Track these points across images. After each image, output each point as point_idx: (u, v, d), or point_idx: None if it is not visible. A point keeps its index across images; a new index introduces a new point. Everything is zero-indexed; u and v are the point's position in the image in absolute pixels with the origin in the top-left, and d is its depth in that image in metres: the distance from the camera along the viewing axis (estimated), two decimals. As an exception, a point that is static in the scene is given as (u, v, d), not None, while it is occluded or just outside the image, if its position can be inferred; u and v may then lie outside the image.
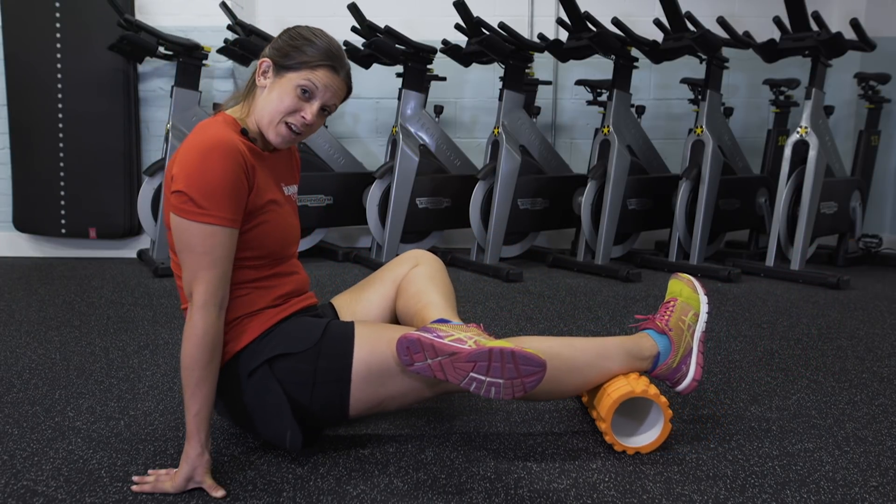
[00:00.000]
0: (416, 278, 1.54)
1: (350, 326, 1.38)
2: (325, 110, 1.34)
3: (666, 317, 1.50)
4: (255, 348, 1.33)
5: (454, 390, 1.38)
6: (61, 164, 3.65)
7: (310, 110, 1.32)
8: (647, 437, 1.41)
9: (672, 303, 1.53)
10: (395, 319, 1.56)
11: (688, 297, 1.53)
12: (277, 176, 1.42)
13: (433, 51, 3.50)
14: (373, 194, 3.53)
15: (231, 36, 3.62)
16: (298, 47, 1.30)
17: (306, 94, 1.31)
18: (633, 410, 1.48)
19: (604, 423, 1.39)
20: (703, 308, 1.53)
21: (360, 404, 1.35)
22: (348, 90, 1.37)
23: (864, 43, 3.15)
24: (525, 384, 1.21)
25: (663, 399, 1.39)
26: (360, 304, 1.57)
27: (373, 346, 1.33)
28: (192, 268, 1.24)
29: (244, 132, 1.34)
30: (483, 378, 1.20)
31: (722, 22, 3.21)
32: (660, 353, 1.46)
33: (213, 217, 1.22)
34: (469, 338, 1.24)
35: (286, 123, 1.32)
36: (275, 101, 1.31)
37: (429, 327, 1.28)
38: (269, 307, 1.37)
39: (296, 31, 1.34)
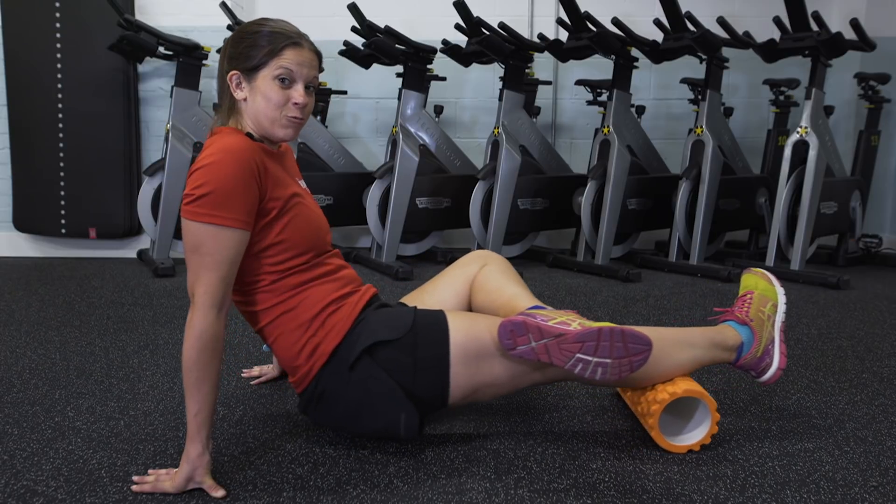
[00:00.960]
0: (491, 275, 1.57)
1: (441, 313, 1.40)
2: (309, 87, 1.35)
3: (745, 308, 1.51)
4: (349, 340, 1.35)
5: (552, 379, 1.41)
6: (61, 164, 3.65)
7: (297, 93, 1.32)
8: (694, 437, 1.41)
9: (748, 295, 1.54)
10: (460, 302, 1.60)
11: (764, 289, 1.54)
12: (291, 172, 1.45)
13: (433, 51, 3.50)
14: (373, 194, 3.53)
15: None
16: (253, 44, 1.30)
17: (286, 81, 1.31)
18: (679, 409, 1.48)
19: (651, 419, 1.39)
20: (781, 299, 1.53)
21: (459, 390, 1.36)
22: (319, 58, 1.37)
23: (864, 43, 3.15)
24: (633, 363, 1.24)
25: (713, 401, 1.39)
26: (433, 298, 1.59)
27: (468, 331, 1.36)
28: (195, 269, 1.24)
29: (249, 135, 1.34)
30: (590, 359, 1.22)
31: (722, 22, 3.21)
32: (743, 343, 1.47)
33: (219, 218, 1.23)
34: (572, 320, 1.28)
35: (286, 115, 1.33)
36: (263, 103, 1.31)
37: (528, 312, 1.32)
38: (349, 294, 1.41)
39: (239, 33, 1.34)
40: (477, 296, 1.57)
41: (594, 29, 3.27)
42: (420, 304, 1.57)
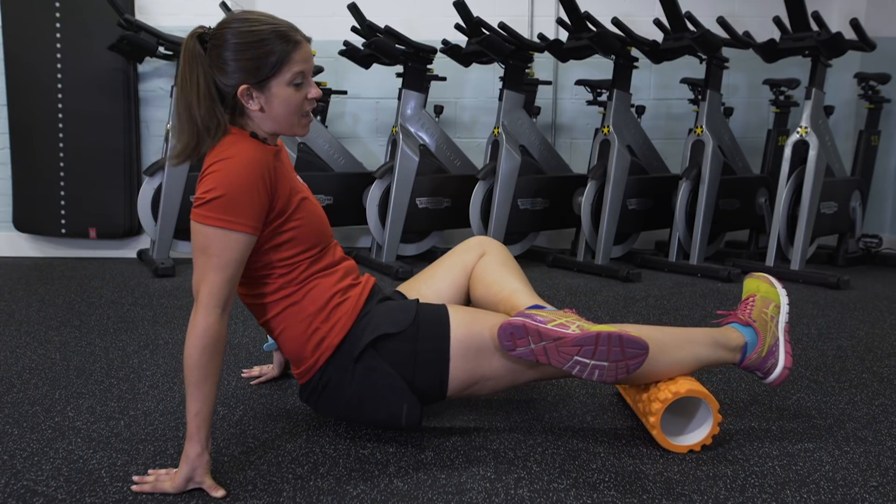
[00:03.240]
0: (490, 266, 1.56)
1: (443, 308, 1.42)
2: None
3: (748, 310, 1.51)
4: (354, 333, 1.38)
5: (550, 376, 1.43)
6: (61, 164, 3.65)
7: (313, 89, 1.34)
8: (695, 437, 1.41)
9: (751, 299, 1.54)
10: (467, 305, 1.59)
11: (766, 291, 1.54)
12: (289, 168, 1.46)
13: (433, 51, 3.50)
14: (373, 194, 3.53)
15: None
16: (261, 54, 1.26)
17: (301, 84, 1.32)
18: (681, 409, 1.48)
19: (653, 418, 1.39)
20: (784, 300, 1.53)
21: (457, 383, 1.39)
22: (310, 43, 1.36)
23: (864, 43, 3.15)
24: (629, 366, 1.26)
25: (715, 402, 1.40)
26: (430, 289, 1.58)
27: (469, 327, 1.38)
28: (201, 269, 1.25)
29: (254, 135, 1.34)
30: (588, 361, 1.24)
31: (722, 22, 3.21)
32: (747, 344, 1.47)
33: (228, 222, 1.24)
34: (571, 322, 1.28)
35: (304, 114, 1.35)
36: (283, 109, 1.31)
37: (527, 313, 1.33)
38: (351, 286, 1.42)
39: (241, 39, 1.26)
40: (476, 288, 1.56)
41: (594, 29, 3.27)
42: (417, 295, 1.57)
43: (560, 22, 3.48)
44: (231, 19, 1.30)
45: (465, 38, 3.54)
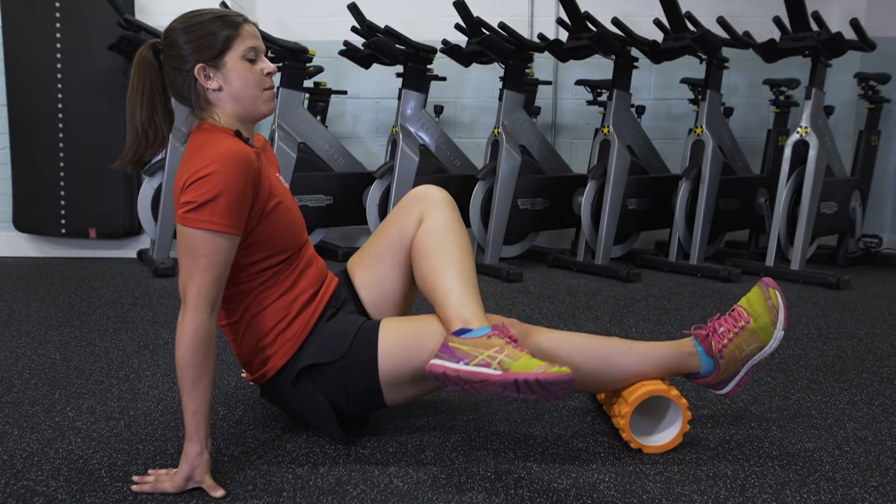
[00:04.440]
0: (427, 244, 1.45)
1: (374, 335, 1.38)
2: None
3: (726, 339, 1.40)
4: (295, 358, 1.39)
5: None
6: (61, 164, 3.65)
7: (267, 64, 1.36)
8: (665, 437, 1.41)
9: (742, 322, 1.41)
10: (412, 285, 1.54)
11: (762, 326, 1.40)
12: (272, 166, 1.48)
13: (433, 51, 3.50)
14: (373, 194, 3.53)
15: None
16: (210, 32, 1.31)
17: (253, 59, 1.34)
18: (651, 409, 1.48)
19: (622, 420, 1.39)
20: (772, 345, 1.41)
21: (395, 401, 1.42)
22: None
23: (864, 43, 3.15)
24: (557, 396, 1.20)
25: (683, 401, 1.40)
26: (375, 278, 1.54)
27: (397, 358, 1.37)
28: (188, 269, 1.25)
29: (238, 134, 1.35)
30: (515, 395, 1.21)
31: (722, 22, 3.21)
32: (700, 373, 1.43)
33: (217, 224, 1.24)
34: (493, 358, 1.22)
35: (265, 88, 1.36)
36: (240, 84, 1.33)
37: (450, 346, 1.27)
38: (307, 304, 1.42)
39: (188, 24, 1.32)
40: (415, 270, 1.47)
41: (594, 29, 3.27)
42: (363, 281, 1.54)
43: (560, 22, 3.48)
44: (178, 17, 1.36)
45: (465, 38, 3.54)
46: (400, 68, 3.67)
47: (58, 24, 3.60)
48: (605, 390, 1.47)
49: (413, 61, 3.51)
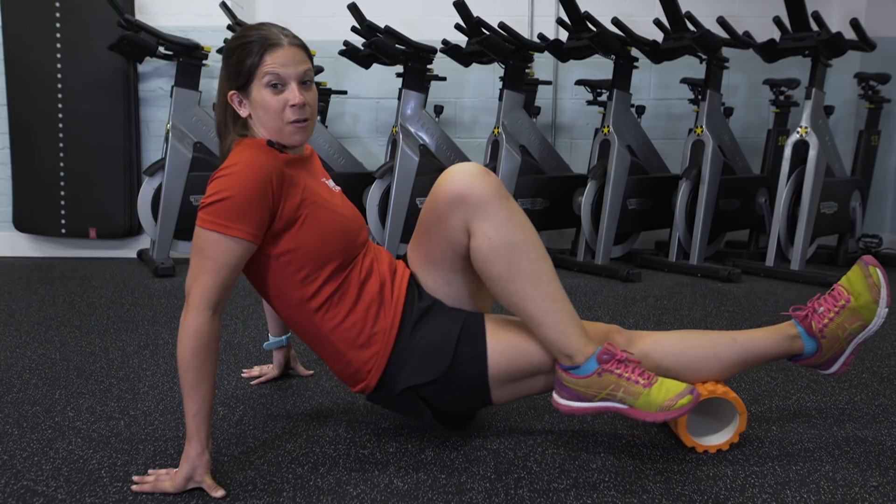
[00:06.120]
0: (492, 270, 1.28)
1: (481, 344, 1.35)
2: (305, 83, 1.32)
3: (826, 319, 1.39)
4: (389, 373, 1.37)
5: None
6: (61, 164, 3.65)
7: (292, 94, 1.30)
8: (723, 436, 1.41)
9: (843, 301, 1.40)
10: (474, 275, 1.37)
11: (863, 305, 1.38)
12: (319, 174, 1.45)
13: (433, 51, 3.50)
14: (373, 194, 3.53)
15: (231, 36, 3.62)
16: (239, 60, 1.30)
17: (277, 86, 1.30)
18: (705, 409, 1.47)
19: (679, 423, 1.39)
20: (876, 323, 1.39)
21: (502, 401, 1.41)
22: (305, 50, 1.34)
23: (864, 43, 3.15)
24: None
25: (740, 401, 1.39)
26: (440, 285, 1.40)
27: (509, 363, 1.36)
28: (195, 270, 1.25)
29: (271, 143, 1.34)
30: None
31: (722, 22, 3.21)
32: (803, 354, 1.43)
33: (227, 227, 1.24)
34: (612, 395, 1.29)
35: (288, 122, 1.32)
36: (263, 114, 1.32)
37: (566, 385, 1.32)
38: (375, 322, 1.36)
39: (228, 48, 1.34)
40: (489, 288, 1.33)
41: (594, 29, 3.27)
42: (429, 289, 1.41)
43: (560, 22, 3.48)
44: (242, 29, 1.37)
45: (465, 38, 3.54)
46: (400, 68, 3.67)
47: (58, 24, 3.60)
48: (710, 381, 1.44)
49: (413, 61, 3.51)
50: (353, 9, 3.53)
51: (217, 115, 1.41)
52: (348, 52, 3.69)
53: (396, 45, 3.45)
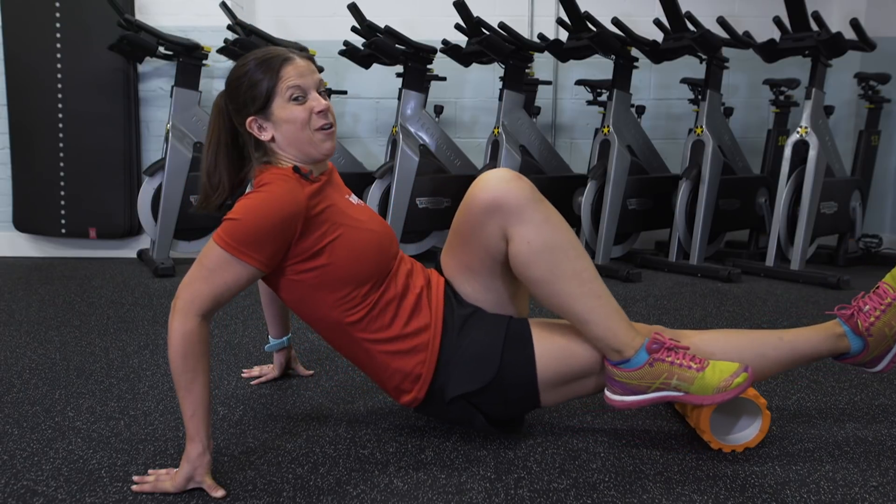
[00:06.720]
0: (534, 274, 1.27)
1: (529, 348, 1.35)
2: (320, 92, 1.35)
3: (872, 318, 1.39)
4: (437, 383, 1.37)
5: None
6: (61, 164, 3.65)
7: (316, 101, 1.33)
8: (748, 435, 1.41)
9: (889, 298, 1.38)
10: (512, 279, 1.37)
11: None
12: (342, 192, 1.44)
13: (433, 51, 3.50)
14: (373, 194, 3.53)
15: (231, 36, 3.62)
16: (251, 85, 1.30)
17: (300, 98, 1.31)
18: (729, 408, 1.47)
19: (703, 422, 1.38)
20: None
21: (552, 403, 1.42)
22: (312, 59, 1.38)
23: (864, 43, 3.15)
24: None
25: (762, 400, 1.39)
26: (479, 291, 1.39)
27: (558, 368, 1.36)
28: (193, 276, 1.25)
29: (296, 170, 1.33)
30: None
31: (722, 22, 3.21)
32: (849, 353, 1.43)
33: (237, 251, 1.24)
34: (667, 384, 1.29)
35: (316, 130, 1.33)
36: (291, 128, 1.32)
37: (617, 381, 1.32)
38: (416, 336, 1.36)
39: (230, 85, 1.33)
40: (531, 292, 1.34)
41: (594, 29, 3.27)
42: (468, 296, 1.39)
43: (560, 22, 3.48)
44: (236, 64, 1.37)
45: (465, 38, 3.54)
46: (400, 68, 3.67)
47: (58, 24, 3.60)
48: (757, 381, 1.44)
49: (413, 61, 3.51)
50: (353, 9, 3.53)
51: (206, 158, 1.36)
52: (348, 52, 3.69)
53: (396, 45, 3.45)
